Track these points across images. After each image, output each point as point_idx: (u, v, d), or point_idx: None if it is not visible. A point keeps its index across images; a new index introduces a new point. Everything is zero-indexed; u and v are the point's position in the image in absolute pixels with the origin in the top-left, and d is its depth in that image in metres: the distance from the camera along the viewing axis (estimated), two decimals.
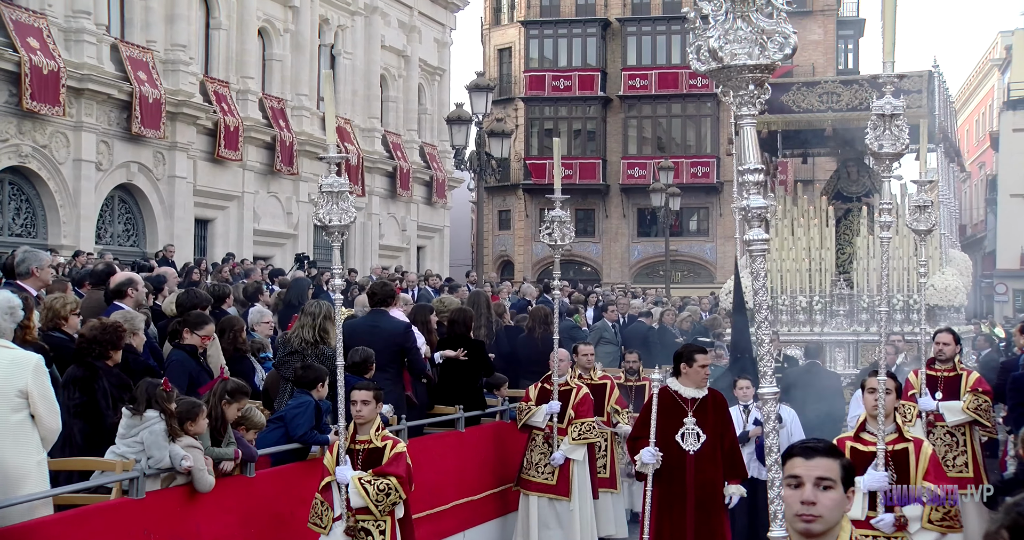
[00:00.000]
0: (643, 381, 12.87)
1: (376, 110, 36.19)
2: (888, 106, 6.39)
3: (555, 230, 10.56)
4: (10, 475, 6.24)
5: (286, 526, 8.23)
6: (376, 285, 11.95)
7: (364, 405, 7.81)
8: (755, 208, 4.48)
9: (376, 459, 7.75)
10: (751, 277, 4.55)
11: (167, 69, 26.18)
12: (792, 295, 16.57)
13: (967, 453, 10.41)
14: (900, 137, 6.38)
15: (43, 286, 9.55)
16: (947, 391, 10.41)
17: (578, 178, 46.27)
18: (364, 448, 7.80)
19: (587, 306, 20.56)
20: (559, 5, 47.98)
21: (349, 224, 7.65)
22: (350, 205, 7.60)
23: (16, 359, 6.36)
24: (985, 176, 54.18)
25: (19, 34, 21.51)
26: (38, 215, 23.30)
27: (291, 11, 31.70)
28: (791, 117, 16.98)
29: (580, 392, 10.96)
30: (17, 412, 6.29)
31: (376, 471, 7.67)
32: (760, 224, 4.54)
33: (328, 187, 7.53)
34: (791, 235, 16.79)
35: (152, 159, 25.74)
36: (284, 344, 9.97)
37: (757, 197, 4.52)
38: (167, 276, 13.34)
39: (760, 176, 4.60)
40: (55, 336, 8.08)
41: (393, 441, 7.92)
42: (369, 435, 7.86)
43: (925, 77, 16.32)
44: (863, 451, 7.23)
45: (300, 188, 31.64)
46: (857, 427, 7.49)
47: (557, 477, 10.77)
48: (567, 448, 10.74)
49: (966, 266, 17.33)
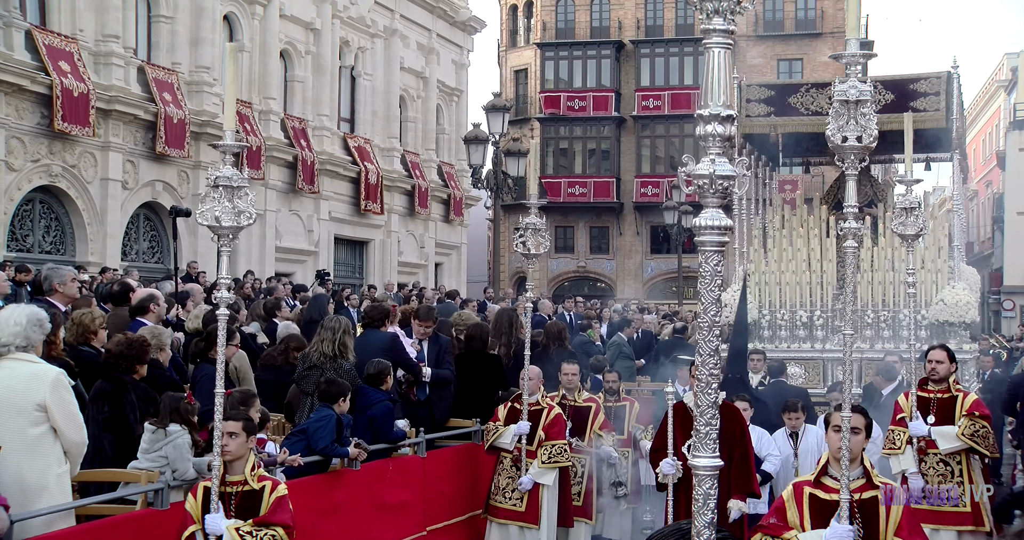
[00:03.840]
0: (624, 401, 11.99)
1: (395, 130, 36.26)
2: (853, 91, 5.29)
3: (529, 238, 9.71)
4: (28, 488, 6.24)
5: (306, 537, 8.22)
6: (368, 307, 12.10)
7: (231, 438, 6.43)
8: (720, 178, 3.58)
9: (253, 504, 6.49)
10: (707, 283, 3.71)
11: (191, 90, 26.29)
12: (792, 309, 15.02)
13: (963, 484, 8.95)
14: (868, 127, 5.29)
15: (69, 302, 9.59)
16: (941, 414, 9.06)
17: (592, 196, 46.42)
18: (237, 491, 6.48)
19: (601, 321, 20.53)
20: (574, 28, 48.11)
21: (245, 227, 6.21)
22: (249, 204, 6.17)
23: (36, 373, 6.37)
24: (992, 194, 54.08)
25: (51, 58, 21.65)
26: (66, 233, 23.39)
27: (312, 34, 31.81)
28: (799, 120, 15.49)
29: (552, 412, 10.07)
30: (36, 426, 6.29)
31: (257, 521, 6.40)
32: (722, 201, 3.64)
33: (223, 180, 6.11)
34: (790, 246, 15.47)
35: (176, 178, 25.82)
36: (303, 359, 9.99)
37: (723, 161, 3.61)
38: (193, 292, 13.40)
39: (730, 128, 3.67)
40: (84, 350, 8.11)
41: (273, 482, 6.65)
42: (243, 475, 6.52)
43: (944, 78, 14.85)
44: (824, 499, 6.22)
45: (321, 206, 31.69)
46: (818, 470, 6.41)
47: (526, 503, 9.88)
48: (536, 472, 9.86)
49: (975, 281, 16.32)
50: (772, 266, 15.18)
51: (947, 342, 13.73)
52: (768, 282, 15.05)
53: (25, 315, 6.53)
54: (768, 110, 15.32)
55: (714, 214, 3.60)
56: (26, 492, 6.21)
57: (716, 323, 3.67)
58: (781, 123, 15.57)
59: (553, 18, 48.41)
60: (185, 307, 12.25)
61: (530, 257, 9.76)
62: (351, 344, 10.00)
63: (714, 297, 3.68)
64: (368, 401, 9.49)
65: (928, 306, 14.28)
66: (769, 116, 15.34)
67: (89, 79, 22.47)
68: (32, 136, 21.70)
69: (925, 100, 14.62)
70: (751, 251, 15.48)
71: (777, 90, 15.72)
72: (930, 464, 9.05)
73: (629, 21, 47.81)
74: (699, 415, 3.76)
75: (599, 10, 48.37)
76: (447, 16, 39.53)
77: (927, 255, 14.73)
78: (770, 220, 15.84)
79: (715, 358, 3.65)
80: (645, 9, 47.99)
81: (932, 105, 14.61)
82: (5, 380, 6.17)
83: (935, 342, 11.35)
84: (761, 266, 15.14)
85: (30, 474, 6.26)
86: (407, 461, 10.00)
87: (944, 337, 13.80)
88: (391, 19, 35.93)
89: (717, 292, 3.71)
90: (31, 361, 6.44)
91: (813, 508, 6.20)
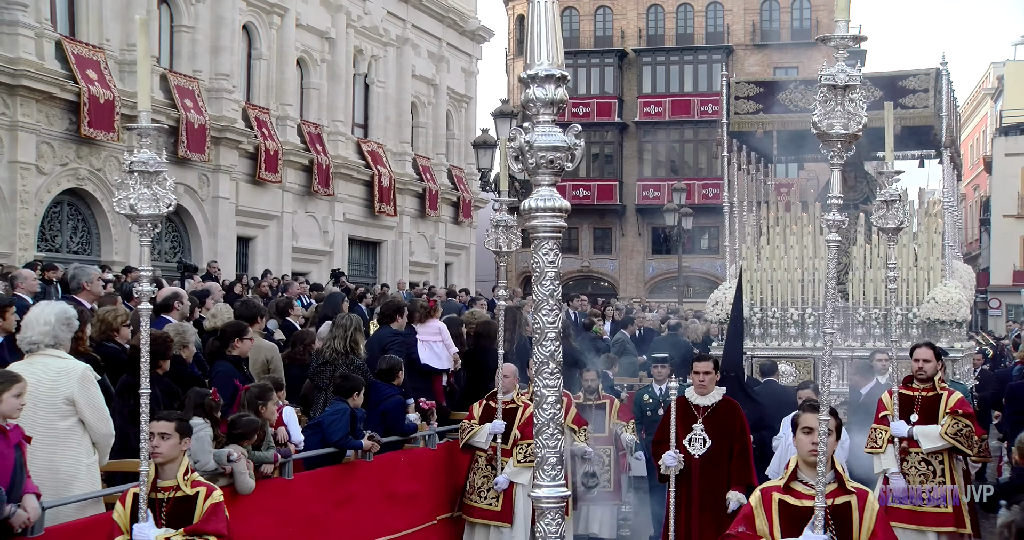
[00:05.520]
0: (603, 400, 11.62)
1: (407, 135, 36.24)
2: (841, 75, 4.76)
3: (500, 236, 9.09)
4: (61, 477, 6.32)
5: (320, 526, 8.24)
6: (383, 304, 12.09)
7: (163, 439, 5.75)
8: (548, 149, 3.01)
9: (186, 512, 5.72)
10: (540, 278, 3.12)
11: (211, 97, 26.29)
12: (783, 307, 14.47)
13: (945, 485, 8.52)
14: (856, 115, 4.82)
15: (95, 299, 9.61)
16: (924, 413, 8.62)
17: (596, 199, 46.48)
18: (169, 497, 5.73)
19: (604, 319, 20.54)
20: (578, 37, 48.12)
21: (163, 214, 5.54)
22: (167, 191, 5.50)
23: (64, 368, 6.41)
24: (979, 198, 54.13)
25: (80, 67, 21.70)
26: (92, 233, 23.41)
27: (328, 42, 31.81)
28: (787, 117, 14.78)
29: (527, 410, 9.60)
30: (66, 419, 6.35)
31: (189, 530, 5.66)
32: (555, 179, 3.08)
33: (139, 165, 5.44)
34: (783, 243, 14.84)
35: (197, 181, 25.84)
36: (317, 355, 9.99)
37: (554, 130, 3.03)
38: (212, 290, 13.41)
39: (559, 91, 3.11)
40: (109, 346, 8.12)
41: (208, 488, 5.84)
42: (176, 480, 5.77)
43: (932, 75, 14.27)
44: (795, 506, 5.64)
45: (336, 208, 31.69)
46: (788, 475, 5.79)
47: (501, 502, 9.51)
48: (512, 471, 9.49)
49: (969, 278, 15.42)
50: (764, 264, 14.67)
51: (939, 340, 13.25)
52: (760, 280, 14.59)
53: (54, 314, 6.56)
54: (757, 107, 14.86)
55: (547, 194, 2.99)
56: (59, 481, 6.31)
57: (552, 325, 3.03)
58: (769, 120, 14.99)
59: None
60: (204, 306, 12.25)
61: (502, 254, 9.24)
62: (362, 341, 10.00)
63: (548, 292, 3.03)
64: (380, 396, 9.50)
65: (920, 304, 13.81)
66: (758, 113, 14.86)
67: (114, 86, 22.51)
68: (61, 141, 21.74)
69: (914, 97, 14.11)
70: (743, 249, 15.07)
71: (766, 87, 15.24)
72: (912, 463, 8.64)
73: (631, 31, 47.81)
74: (537, 433, 3.08)
75: (602, 20, 48.38)
76: (457, 26, 39.50)
77: (920, 253, 14.25)
78: (763, 218, 15.39)
79: (551, 365, 2.97)
80: (647, 19, 47.99)
81: (921, 102, 14.14)
82: (35, 375, 6.19)
83: (920, 340, 10.64)
84: (753, 264, 14.72)
85: (62, 464, 6.33)
86: (418, 453, 10.00)
87: (936, 335, 13.36)
88: (403, 29, 35.92)
89: (551, 287, 3.08)
90: (60, 357, 6.47)
91: (783, 515, 5.62)
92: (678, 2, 47.67)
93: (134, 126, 5.51)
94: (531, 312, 10.40)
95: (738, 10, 47.16)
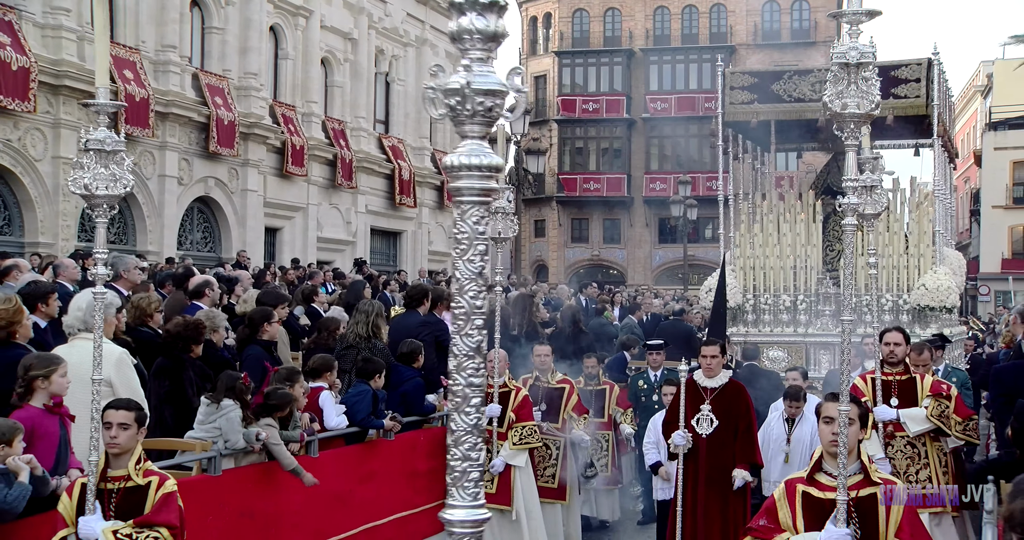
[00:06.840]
0: (604, 385, 11.35)
1: (426, 131, 36.24)
2: (853, 53, 4.30)
3: (499, 222, 8.61)
4: None
5: (344, 502, 8.26)
6: (410, 288, 12.03)
7: (121, 430, 5.21)
8: (481, 93, 2.24)
9: (136, 503, 5.14)
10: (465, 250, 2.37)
11: (240, 95, 26.31)
12: (775, 294, 13.98)
13: (930, 466, 8.21)
14: (869, 93, 4.38)
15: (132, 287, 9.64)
16: (903, 397, 8.25)
17: (606, 191, 46.52)
18: (119, 487, 5.16)
19: (613, 305, 20.51)
20: (589, 37, 48.05)
21: (120, 195, 5.00)
22: (125, 170, 4.98)
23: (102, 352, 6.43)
24: (970, 190, 54.05)
25: (117, 67, 21.72)
26: (128, 224, 23.48)
27: (350, 43, 31.79)
28: (781, 107, 14.30)
29: (520, 394, 9.51)
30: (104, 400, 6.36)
31: (139, 521, 5.07)
32: (486, 129, 2.29)
33: (95, 144, 4.91)
34: (776, 231, 14.34)
35: (227, 174, 25.89)
36: (340, 340, 10.00)
37: (486, 71, 2.36)
38: (241, 278, 13.44)
39: (497, 22, 2.48)
40: (142, 331, 8.14)
41: (160, 477, 5.24)
42: (127, 469, 5.20)
43: (924, 65, 13.78)
44: (819, 498, 5.20)
45: (358, 200, 31.72)
46: (812, 466, 5.34)
47: (497, 485, 9.22)
48: (507, 454, 9.28)
49: (960, 265, 15.05)
50: (757, 250, 14.27)
51: (929, 326, 13.23)
52: (753, 267, 14.24)
53: (86, 301, 6.59)
54: (751, 97, 14.47)
55: (475, 148, 2.28)
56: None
57: (479, 310, 2.35)
58: (764, 110, 14.50)
59: (570, 29, 48.32)
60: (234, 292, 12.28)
61: (499, 241, 8.75)
62: (383, 325, 10.00)
63: (475, 271, 2.33)
64: (401, 378, 9.50)
65: (911, 291, 13.55)
66: (752, 103, 14.46)
67: (149, 85, 22.56)
68: None
69: (907, 86, 13.72)
70: (737, 236, 14.74)
71: (760, 77, 14.89)
72: (898, 447, 8.25)
73: (639, 31, 47.67)
74: (456, 443, 2.39)
75: (612, 21, 48.25)
76: None
77: (911, 240, 13.97)
78: (757, 205, 15.02)
79: (477, 360, 2.34)
80: (654, 20, 47.85)
81: (913, 92, 13.73)
82: (77, 357, 6.22)
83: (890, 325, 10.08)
84: (746, 251, 14.37)
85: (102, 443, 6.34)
86: (437, 432, 9.99)
87: (926, 322, 13.24)
88: (422, 29, 35.88)
89: (479, 263, 2.36)
90: None
91: (807, 507, 5.19)
92: (683, 4, 47.54)
93: (91, 102, 4.92)
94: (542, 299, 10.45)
95: (740, 11, 46.99)
